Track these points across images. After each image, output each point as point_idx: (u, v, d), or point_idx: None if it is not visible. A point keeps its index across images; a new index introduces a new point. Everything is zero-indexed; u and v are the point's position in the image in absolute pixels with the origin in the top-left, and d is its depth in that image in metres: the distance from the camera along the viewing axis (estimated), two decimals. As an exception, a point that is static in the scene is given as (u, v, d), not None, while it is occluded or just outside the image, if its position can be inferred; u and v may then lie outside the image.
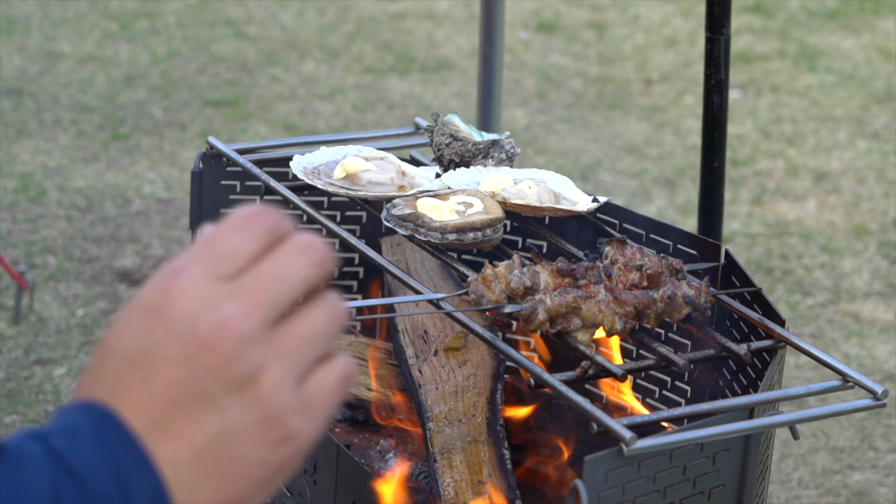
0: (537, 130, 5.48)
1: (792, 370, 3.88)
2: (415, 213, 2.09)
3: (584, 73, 6.07)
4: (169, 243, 4.41)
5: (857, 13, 6.89)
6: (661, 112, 5.70)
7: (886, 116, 5.73)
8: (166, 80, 5.72)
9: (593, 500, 1.71)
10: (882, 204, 4.96)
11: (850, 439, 3.65)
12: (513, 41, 6.32)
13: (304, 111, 5.52)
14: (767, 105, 5.82)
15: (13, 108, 5.34)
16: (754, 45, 6.43)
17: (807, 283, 4.41)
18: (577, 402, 1.76)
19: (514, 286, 1.89)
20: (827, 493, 3.45)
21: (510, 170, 2.28)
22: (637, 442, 1.68)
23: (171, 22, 6.35)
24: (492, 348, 2.28)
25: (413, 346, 2.40)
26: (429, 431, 2.23)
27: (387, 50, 6.20)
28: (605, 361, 1.86)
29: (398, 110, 5.59)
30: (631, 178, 5.07)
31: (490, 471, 2.17)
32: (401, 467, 2.26)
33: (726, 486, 1.89)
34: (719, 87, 2.61)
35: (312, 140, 2.56)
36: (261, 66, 5.95)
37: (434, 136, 2.33)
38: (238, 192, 2.57)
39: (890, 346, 4.07)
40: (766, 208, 4.90)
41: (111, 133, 5.20)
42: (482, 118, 3.74)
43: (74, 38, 6.10)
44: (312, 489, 2.13)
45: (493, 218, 2.08)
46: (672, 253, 2.39)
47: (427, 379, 2.32)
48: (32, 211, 4.58)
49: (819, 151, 5.38)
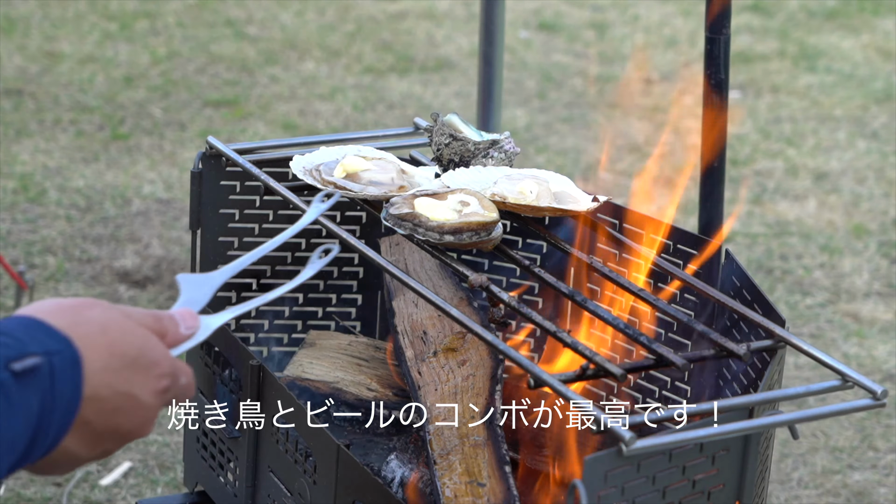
0: (537, 130, 5.48)
1: (791, 370, 3.88)
2: (412, 212, 2.09)
3: (585, 72, 6.07)
4: (169, 243, 4.42)
5: (857, 13, 6.89)
6: (661, 112, 5.70)
7: (886, 116, 5.73)
8: (166, 80, 5.72)
9: (593, 500, 1.71)
10: (882, 204, 4.96)
11: (849, 439, 3.65)
12: (513, 41, 6.32)
13: (304, 111, 5.52)
14: (767, 105, 5.82)
15: (13, 108, 5.34)
16: (754, 45, 6.43)
17: (806, 282, 4.41)
18: (577, 401, 1.76)
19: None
20: (827, 493, 3.45)
21: (510, 169, 2.27)
22: (636, 442, 1.68)
23: (171, 22, 6.35)
24: (491, 348, 2.28)
25: (412, 347, 2.40)
26: (428, 433, 2.23)
27: (387, 50, 6.20)
28: (605, 361, 1.86)
29: (398, 110, 5.59)
30: (631, 177, 5.07)
31: (489, 472, 2.17)
32: (401, 469, 2.26)
33: (726, 486, 1.89)
34: (719, 87, 2.61)
35: (312, 140, 2.56)
36: (261, 66, 5.95)
37: (434, 135, 2.33)
38: (238, 192, 2.57)
39: (889, 346, 4.07)
40: (765, 208, 4.90)
41: (111, 133, 5.20)
42: (482, 118, 3.74)
43: (74, 38, 6.10)
44: (312, 489, 2.13)
45: (489, 219, 2.08)
46: (672, 253, 2.39)
47: (426, 380, 2.32)
48: (32, 211, 4.58)
49: (819, 151, 5.38)
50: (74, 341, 1.32)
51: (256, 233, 2.60)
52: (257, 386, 2.26)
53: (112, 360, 1.36)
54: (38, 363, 1.28)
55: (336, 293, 2.69)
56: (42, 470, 1.39)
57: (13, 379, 1.26)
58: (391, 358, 2.52)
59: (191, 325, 1.48)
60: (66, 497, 3.29)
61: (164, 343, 1.44)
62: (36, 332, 1.31)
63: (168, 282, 4.21)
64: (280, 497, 2.24)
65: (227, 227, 2.58)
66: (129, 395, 1.37)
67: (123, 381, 1.37)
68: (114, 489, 3.34)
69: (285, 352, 2.68)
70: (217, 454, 2.45)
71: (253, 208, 2.59)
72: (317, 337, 2.59)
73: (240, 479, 2.35)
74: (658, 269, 2.22)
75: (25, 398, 1.27)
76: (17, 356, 1.27)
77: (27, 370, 1.27)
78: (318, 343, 2.57)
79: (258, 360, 2.28)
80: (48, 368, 1.29)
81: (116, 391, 1.36)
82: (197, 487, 2.58)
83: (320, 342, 2.57)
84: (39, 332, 1.31)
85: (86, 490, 3.32)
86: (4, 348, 1.27)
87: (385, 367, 2.51)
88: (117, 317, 1.39)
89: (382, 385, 2.47)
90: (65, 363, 1.31)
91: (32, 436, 1.30)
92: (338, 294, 2.70)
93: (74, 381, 1.32)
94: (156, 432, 3.52)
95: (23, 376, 1.27)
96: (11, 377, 1.26)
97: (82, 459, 1.38)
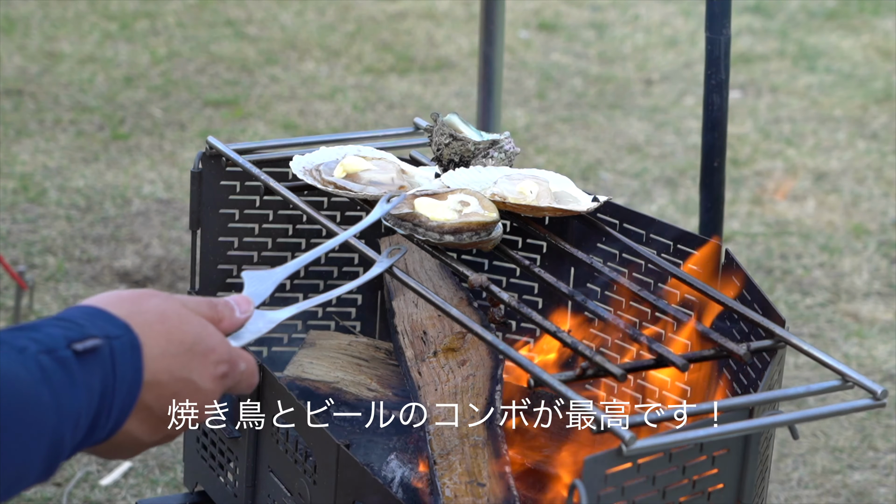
0: (537, 130, 5.48)
1: (791, 370, 3.88)
2: (412, 212, 2.09)
3: (585, 72, 6.07)
4: (169, 243, 4.42)
5: (857, 13, 6.89)
6: (661, 112, 5.70)
7: (886, 116, 5.73)
8: (166, 80, 5.72)
9: (592, 500, 1.71)
10: (881, 204, 4.96)
11: (849, 439, 3.65)
12: (513, 41, 6.32)
13: (304, 111, 5.52)
14: (767, 105, 5.82)
15: (13, 108, 5.34)
16: (754, 46, 6.43)
17: (806, 282, 4.41)
18: (577, 401, 1.76)
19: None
20: (827, 494, 3.45)
21: (510, 169, 2.27)
22: (636, 442, 1.68)
23: (171, 22, 6.35)
24: (491, 348, 2.28)
25: (412, 347, 2.40)
26: (428, 433, 2.23)
27: (387, 50, 6.20)
28: (605, 361, 1.86)
29: (398, 110, 5.59)
30: (632, 177, 5.07)
31: (489, 472, 2.17)
32: (401, 469, 2.26)
33: (726, 486, 1.89)
34: (719, 87, 2.61)
35: (312, 140, 2.56)
36: (261, 66, 5.95)
37: (433, 135, 2.33)
38: (238, 192, 2.57)
39: (889, 345, 4.07)
40: (765, 208, 4.90)
41: (111, 133, 5.20)
42: (482, 118, 3.74)
43: (74, 38, 6.10)
44: (312, 489, 2.13)
45: (489, 219, 2.08)
46: (672, 252, 2.40)
47: (426, 380, 2.32)
48: (32, 211, 4.58)
49: (818, 151, 5.38)
50: (134, 328, 1.39)
51: (256, 233, 2.60)
52: (257, 386, 2.26)
53: (170, 347, 1.42)
54: (99, 344, 1.35)
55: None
56: (107, 453, 1.45)
57: (75, 357, 1.32)
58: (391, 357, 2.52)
59: (245, 310, 1.56)
60: (66, 497, 3.29)
61: (220, 328, 1.52)
62: (96, 319, 1.38)
63: (168, 282, 4.21)
64: (280, 497, 2.24)
65: (227, 227, 2.58)
66: (187, 381, 1.43)
67: (182, 367, 1.43)
68: (114, 489, 3.34)
69: (285, 352, 2.68)
70: (217, 454, 2.45)
71: (253, 208, 2.59)
72: (317, 337, 2.59)
73: (240, 479, 2.35)
74: (658, 269, 2.22)
75: (88, 377, 1.33)
76: (79, 338, 1.34)
77: (88, 350, 1.33)
78: (318, 343, 2.57)
79: (258, 360, 2.28)
80: (108, 350, 1.36)
81: (175, 376, 1.42)
82: (197, 487, 2.58)
83: (320, 342, 2.57)
84: (100, 318, 1.38)
85: (86, 490, 3.32)
86: (66, 330, 1.34)
87: (385, 367, 2.51)
88: (175, 306, 1.46)
89: (382, 385, 2.47)
90: (124, 347, 1.37)
91: (95, 415, 1.35)
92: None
93: (135, 365, 1.38)
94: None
95: (84, 356, 1.33)
96: (73, 356, 1.32)
97: (145, 444, 1.45)
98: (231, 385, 1.53)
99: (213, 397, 1.48)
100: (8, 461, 1.27)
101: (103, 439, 1.40)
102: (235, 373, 1.51)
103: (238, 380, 1.53)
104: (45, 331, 1.34)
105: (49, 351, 1.32)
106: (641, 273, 2.39)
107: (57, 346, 1.32)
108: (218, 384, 1.48)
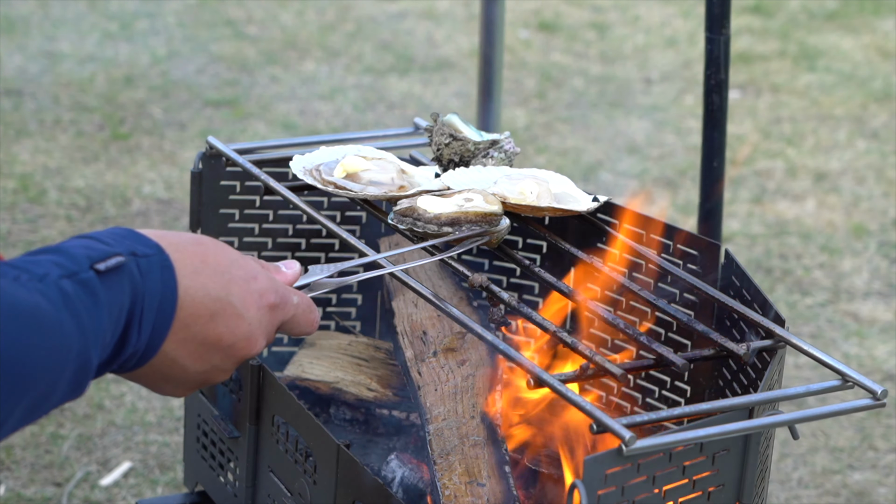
0: (537, 130, 5.48)
1: (791, 370, 3.88)
2: (412, 206, 2.09)
3: (585, 72, 6.07)
4: (169, 243, 4.42)
5: (857, 13, 6.89)
6: (661, 111, 5.70)
7: (886, 116, 5.73)
8: (166, 80, 5.72)
9: (592, 500, 1.71)
10: (881, 204, 4.96)
11: (849, 439, 3.65)
12: (513, 41, 6.32)
13: (304, 111, 5.52)
14: (767, 105, 5.82)
15: (13, 108, 5.34)
16: (754, 46, 6.43)
17: (806, 282, 4.41)
18: (577, 401, 1.76)
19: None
20: (827, 494, 3.45)
21: (510, 169, 2.27)
22: (636, 442, 1.68)
23: (171, 22, 6.35)
24: (491, 348, 2.28)
25: (412, 347, 2.40)
26: (428, 433, 2.23)
27: (386, 50, 6.20)
28: (605, 361, 1.86)
29: (398, 110, 5.59)
30: (632, 178, 5.07)
31: (489, 472, 2.17)
32: (401, 469, 2.26)
33: (726, 486, 1.89)
34: (719, 87, 2.61)
35: (312, 140, 2.56)
36: (261, 65, 5.95)
37: (434, 135, 2.34)
38: (238, 192, 2.57)
39: (889, 345, 4.07)
40: (765, 208, 4.90)
41: (111, 133, 5.20)
42: (482, 118, 3.74)
43: (74, 38, 6.10)
44: (312, 489, 2.13)
45: (488, 210, 2.07)
46: (672, 253, 2.40)
47: (426, 380, 2.32)
48: (32, 211, 4.58)
49: (818, 151, 5.38)
50: (166, 249, 1.37)
51: (256, 233, 2.60)
52: (257, 386, 2.26)
53: (204, 267, 1.39)
54: (123, 262, 1.32)
55: (336, 293, 2.70)
56: (156, 384, 1.42)
57: (97, 277, 1.30)
58: (391, 357, 2.52)
59: (291, 266, 1.55)
60: (66, 497, 3.29)
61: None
62: (125, 239, 1.36)
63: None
64: (280, 497, 2.24)
65: (227, 227, 2.58)
66: (225, 302, 1.39)
67: (218, 287, 1.39)
68: (114, 489, 3.34)
69: (285, 352, 2.68)
70: (217, 454, 2.45)
71: (253, 208, 2.59)
72: (317, 337, 2.59)
73: (240, 479, 2.35)
74: (658, 269, 2.22)
75: (113, 295, 1.31)
76: (102, 257, 1.32)
77: (111, 269, 1.31)
78: (318, 343, 2.57)
79: (258, 359, 2.28)
80: (135, 266, 1.34)
81: (210, 295, 1.39)
82: (197, 487, 2.58)
83: (320, 342, 2.57)
84: (129, 238, 1.36)
85: (86, 490, 3.32)
86: (90, 251, 1.32)
87: (385, 367, 2.52)
88: (212, 239, 1.44)
89: (382, 385, 2.47)
90: (152, 265, 1.35)
91: (123, 332, 1.33)
92: (338, 294, 2.70)
93: (166, 282, 1.35)
94: (156, 432, 3.52)
95: (107, 274, 1.31)
96: (96, 276, 1.30)
97: (191, 374, 1.41)
98: (284, 319, 1.47)
99: (260, 327, 1.43)
100: (32, 388, 1.24)
101: (141, 362, 1.37)
102: (288, 305, 1.46)
103: (292, 313, 1.48)
104: (69, 252, 1.31)
105: (71, 274, 1.29)
106: (641, 273, 2.39)
107: (79, 269, 1.30)
108: (265, 315, 1.44)
